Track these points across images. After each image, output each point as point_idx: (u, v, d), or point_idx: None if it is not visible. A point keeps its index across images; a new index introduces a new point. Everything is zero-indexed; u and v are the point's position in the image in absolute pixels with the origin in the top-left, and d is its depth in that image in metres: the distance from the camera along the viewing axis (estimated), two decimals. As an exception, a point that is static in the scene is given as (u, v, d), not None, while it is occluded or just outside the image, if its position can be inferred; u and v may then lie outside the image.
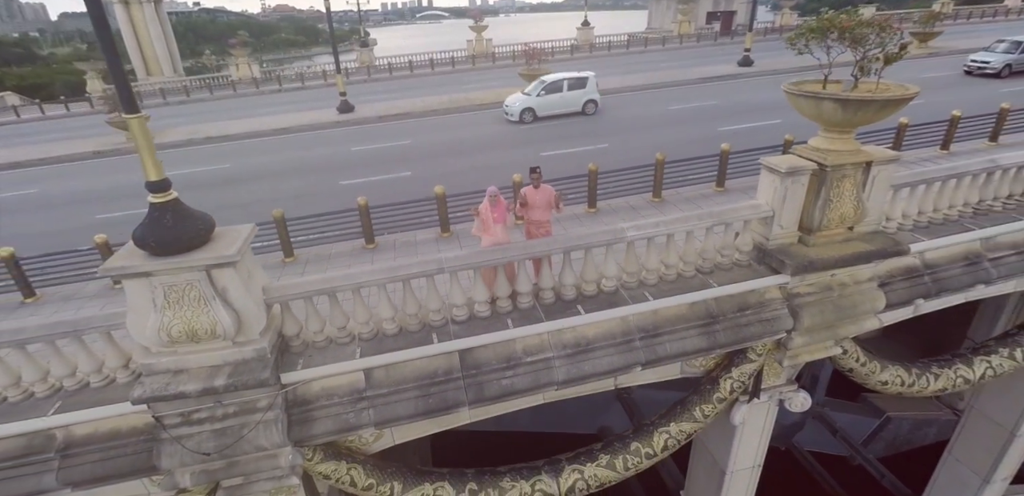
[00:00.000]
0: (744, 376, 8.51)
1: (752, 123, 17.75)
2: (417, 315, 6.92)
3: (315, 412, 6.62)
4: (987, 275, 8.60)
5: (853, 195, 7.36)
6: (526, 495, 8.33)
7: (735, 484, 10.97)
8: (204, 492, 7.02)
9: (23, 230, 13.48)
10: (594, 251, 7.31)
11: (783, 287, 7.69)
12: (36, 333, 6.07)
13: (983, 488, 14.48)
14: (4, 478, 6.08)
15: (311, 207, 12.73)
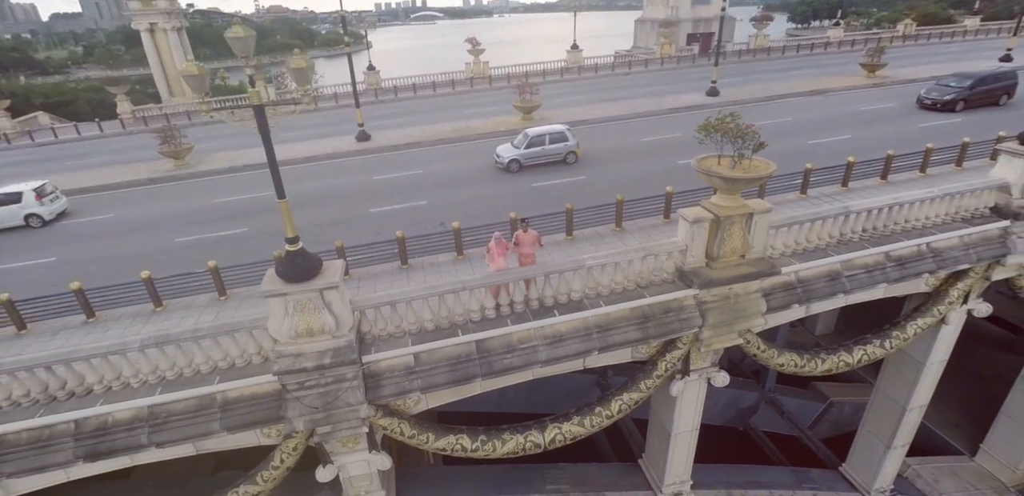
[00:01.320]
0: (675, 359, 12.06)
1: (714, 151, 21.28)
2: (447, 317, 10.43)
3: (382, 381, 10.11)
4: (844, 287, 12.18)
5: (740, 235, 10.91)
6: (520, 444, 11.86)
7: (679, 444, 14.52)
8: (304, 437, 10.52)
9: (117, 252, 16.81)
10: (565, 273, 10.82)
11: (695, 297, 11.23)
12: (208, 331, 9.53)
13: (886, 453, 18.13)
14: (188, 424, 9.54)
15: (348, 232, 16.16)
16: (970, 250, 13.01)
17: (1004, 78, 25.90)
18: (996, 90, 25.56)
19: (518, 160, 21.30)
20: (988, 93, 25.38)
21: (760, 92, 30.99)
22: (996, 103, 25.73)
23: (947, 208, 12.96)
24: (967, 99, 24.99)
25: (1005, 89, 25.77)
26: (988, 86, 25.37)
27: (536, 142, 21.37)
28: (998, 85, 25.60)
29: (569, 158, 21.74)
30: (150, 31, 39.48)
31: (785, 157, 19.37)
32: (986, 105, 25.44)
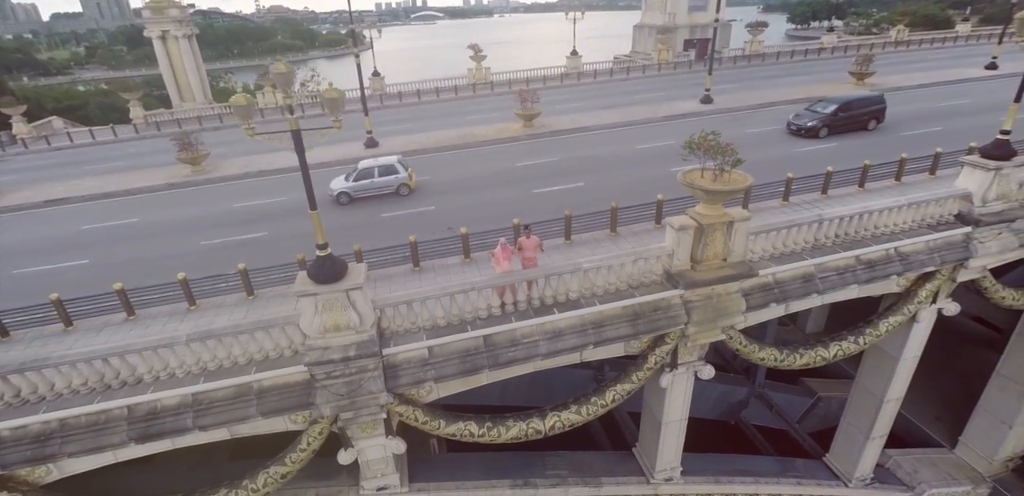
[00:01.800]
0: (664, 353, 13.26)
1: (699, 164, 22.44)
2: (458, 314, 11.62)
3: (400, 372, 11.30)
4: (818, 288, 13.37)
5: (722, 241, 12.09)
6: (523, 430, 13.07)
7: (669, 432, 15.71)
8: (329, 422, 11.72)
9: (146, 255, 17.97)
10: (564, 275, 12.00)
11: (681, 296, 12.41)
12: (246, 327, 10.72)
13: (865, 443, 19.33)
14: (228, 409, 10.73)
15: (363, 235, 17.29)
16: (935, 254, 14.20)
17: (871, 103, 25.41)
18: (862, 115, 25.05)
19: (347, 193, 20.82)
20: (853, 119, 24.86)
21: (752, 100, 32.15)
22: (864, 128, 25.16)
23: (914, 215, 14.15)
24: (830, 125, 24.56)
25: (872, 114, 25.22)
26: (853, 112, 24.88)
27: (365, 175, 20.91)
28: (865, 110, 25.10)
29: (402, 190, 21.21)
30: (162, 38, 40.68)
31: (772, 165, 20.64)
32: (853, 130, 24.94)
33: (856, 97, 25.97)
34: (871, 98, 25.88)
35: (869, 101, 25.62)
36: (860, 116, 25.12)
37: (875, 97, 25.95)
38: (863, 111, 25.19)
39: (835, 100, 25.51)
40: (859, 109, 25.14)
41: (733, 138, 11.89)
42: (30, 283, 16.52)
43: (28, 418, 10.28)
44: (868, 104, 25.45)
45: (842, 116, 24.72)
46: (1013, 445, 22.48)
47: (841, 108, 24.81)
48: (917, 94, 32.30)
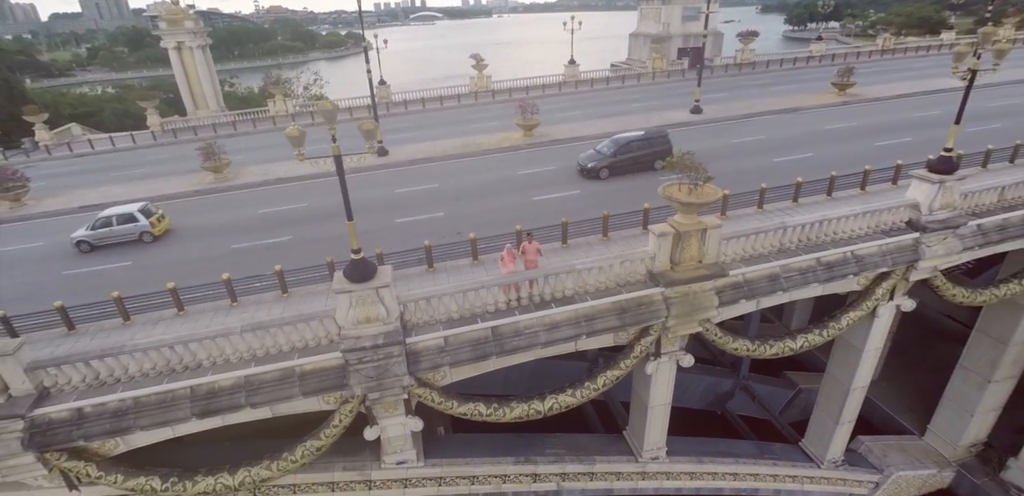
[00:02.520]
0: (648, 343, 15.16)
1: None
2: (469, 309, 13.52)
3: (420, 358, 13.19)
4: (782, 286, 15.30)
5: (697, 245, 14.00)
6: (525, 411, 14.99)
7: (655, 415, 17.63)
8: (359, 401, 13.61)
9: (183, 257, 19.81)
10: (561, 275, 13.90)
11: (662, 293, 14.31)
12: (292, 320, 12.61)
13: (835, 428, 21.26)
14: (275, 389, 12.62)
15: (379, 240, 19.11)
16: (887, 256, 16.12)
17: (653, 144, 24.68)
18: (645, 156, 24.47)
19: (87, 241, 20.85)
20: (635, 160, 24.33)
21: (739, 110, 34.07)
22: (651, 168, 24.50)
23: (868, 222, 16.08)
24: (610, 167, 24.04)
25: (657, 154, 24.50)
26: (634, 153, 24.29)
27: (104, 224, 21.08)
28: (648, 151, 24.47)
29: (144, 237, 21.18)
30: (177, 49, 42.52)
31: (751, 174, 22.59)
32: (638, 171, 24.34)
33: (636, 137, 24.87)
34: (653, 138, 24.92)
35: (651, 142, 24.75)
36: (643, 157, 24.46)
37: (658, 138, 24.99)
38: (646, 152, 24.50)
39: (620, 140, 24.68)
40: (640, 150, 24.45)
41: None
42: (83, 282, 18.41)
43: (107, 396, 12.17)
44: (650, 145, 24.64)
45: (622, 158, 24.17)
46: (975, 432, 24.43)
47: (620, 150, 24.19)
48: (894, 105, 34.25)
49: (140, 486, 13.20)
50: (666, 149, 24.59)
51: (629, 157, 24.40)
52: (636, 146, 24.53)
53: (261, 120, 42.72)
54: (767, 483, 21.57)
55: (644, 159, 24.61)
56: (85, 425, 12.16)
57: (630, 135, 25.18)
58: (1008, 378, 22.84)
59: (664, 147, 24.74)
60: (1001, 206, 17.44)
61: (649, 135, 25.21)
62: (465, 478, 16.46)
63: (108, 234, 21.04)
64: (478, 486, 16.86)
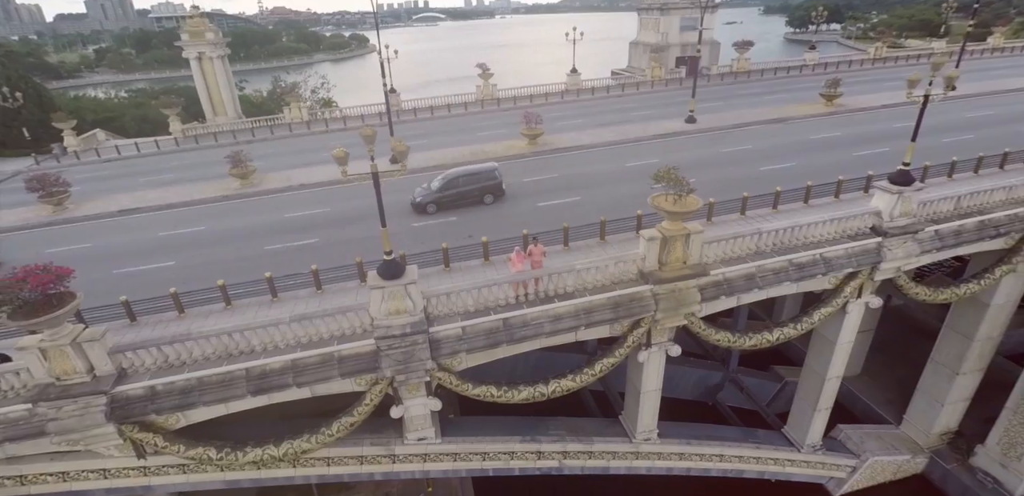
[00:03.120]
0: (640, 334, 17.21)
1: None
2: (484, 303, 15.60)
3: (441, 345, 15.27)
4: (758, 284, 17.35)
5: (682, 248, 16.05)
6: (531, 393, 17.07)
7: (647, 400, 19.67)
8: (387, 383, 15.69)
9: (221, 257, 21.86)
10: (563, 274, 15.96)
11: (651, 290, 16.37)
12: (333, 311, 14.71)
13: (813, 415, 23.26)
14: (317, 371, 14.71)
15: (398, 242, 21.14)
16: (852, 258, 18.16)
17: (480, 179, 25.12)
18: (472, 191, 24.97)
19: None
20: (462, 194, 24.84)
21: (731, 120, 36.11)
22: (480, 202, 25.14)
23: (836, 228, 18.12)
24: (437, 202, 24.61)
25: (485, 189, 25.14)
26: (460, 188, 24.75)
27: None
28: (474, 186, 24.96)
29: None
30: (198, 59, 44.69)
31: (737, 182, 24.63)
32: (467, 205, 24.91)
33: (462, 173, 25.32)
34: (479, 174, 25.31)
35: (478, 177, 25.18)
36: (470, 192, 24.99)
37: (485, 172, 25.44)
38: (473, 187, 25.00)
39: (446, 176, 25.26)
40: (466, 185, 24.93)
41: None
42: (128, 282, 20.46)
43: (175, 376, 14.26)
44: (477, 180, 25.08)
45: (448, 193, 24.73)
46: (946, 421, 26.46)
47: (445, 186, 24.78)
48: (878, 115, 36.23)
49: (199, 455, 15.30)
50: (494, 184, 25.26)
51: (456, 192, 24.82)
52: (462, 182, 24.93)
53: (278, 127, 44.85)
54: (751, 465, 23.58)
55: (471, 194, 25.02)
56: (157, 401, 14.26)
57: (457, 171, 25.58)
58: (975, 371, 24.82)
59: (491, 182, 25.23)
60: (957, 214, 19.46)
61: (476, 171, 25.46)
62: (477, 454, 18.53)
63: None
64: (489, 462, 18.93)
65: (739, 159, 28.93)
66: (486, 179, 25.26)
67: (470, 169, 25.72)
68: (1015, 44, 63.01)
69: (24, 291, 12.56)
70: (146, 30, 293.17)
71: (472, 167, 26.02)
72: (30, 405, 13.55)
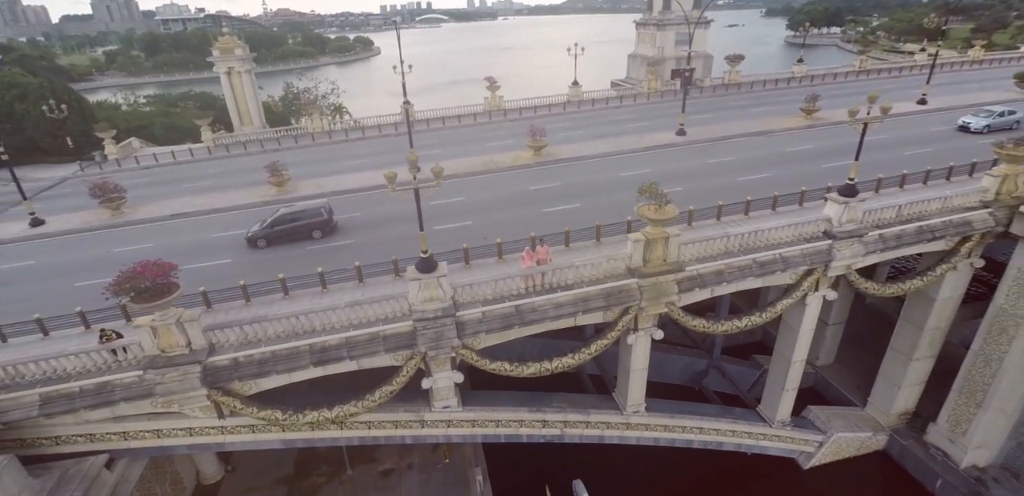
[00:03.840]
0: (628, 319, 20.75)
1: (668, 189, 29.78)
2: (499, 293, 19.16)
3: (465, 326, 18.84)
4: (726, 279, 20.87)
5: (662, 248, 19.57)
6: (538, 368, 20.63)
7: (635, 378, 23.19)
8: (420, 358, 19.26)
9: (270, 256, 25.43)
10: (564, 269, 19.50)
11: (637, 283, 19.89)
12: (380, 298, 18.28)
13: (782, 394, 26.73)
14: (366, 347, 18.27)
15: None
16: (807, 257, 21.66)
17: (308, 216, 27.04)
18: (301, 227, 26.83)
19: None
20: (292, 230, 26.69)
21: (719, 132, 39.59)
22: (310, 237, 26.87)
23: (793, 232, 21.63)
24: (267, 237, 26.55)
25: (313, 226, 27.01)
26: (287, 224, 26.66)
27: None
28: (301, 223, 26.82)
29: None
30: (227, 73, 48.30)
31: (718, 191, 28.10)
32: (297, 240, 26.68)
33: (291, 212, 27.29)
34: (306, 211, 27.32)
35: (304, 214, 27.14)
36: (299, 228, 26.88)
37: (311, 211, 27.42)
38: (300, 223, 26.90)
39: (276, 213, 27.26)
40: (293, 222, 26.86)
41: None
42: (193, 277, 23.86)
43: (254, 350, 17.81)
44: (303, 217, 27.05)
45: (278, 229, 26.60)
46: (904, 403, 29.91)
47: (275, 222, 26.77)
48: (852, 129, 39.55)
49: (268, 416, 18.84)
50: (320, 220, 27.18)
51: (284, 228, 26.72)
52: (289, 218, 26.89)
53: (301, 136, 48.45)
54: (729, 438, 27.05)
55: (300, 230, 26.88)
56: (239, 370, 17.83)
57: (284, 210, 27.49)
58: (927, 357, 28.26)
59: (317, 219, 27.14)
60: (899, 220, 22.95)
61: (302, 209, 27.56)
62: (492, 421, 22.07)
63: None
64: (502, 429, 22.47)
65: (722, 170, 32.45)
66: (311, 217, 27.15)
67: (297, 207, 27.79)
68: (994, 56, 66.36)
69: (143, 281, 16.13)
70: (155, 33, 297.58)
71: (300, 205, 28.24)
72: (141, 372, 17.13)
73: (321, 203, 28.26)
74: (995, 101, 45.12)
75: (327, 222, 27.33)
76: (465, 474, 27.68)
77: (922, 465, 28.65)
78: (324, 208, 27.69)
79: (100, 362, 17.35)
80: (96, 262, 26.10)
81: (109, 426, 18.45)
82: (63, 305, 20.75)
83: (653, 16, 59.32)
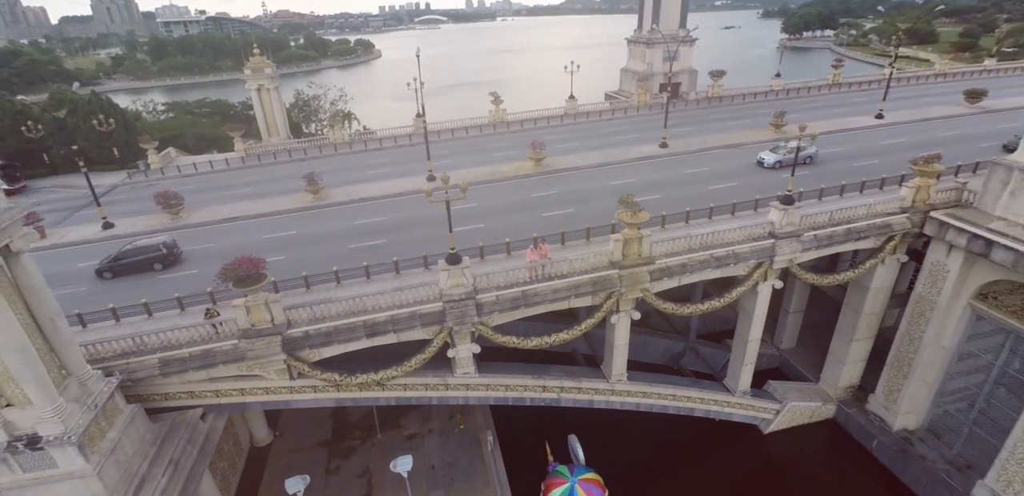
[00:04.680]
0: (611, 303, 26.16)
1: (648, 196, 35.09)
2: (510, 281, 24.52)
3: (483, 307, 24.23)
4: (689, 270, 26.26)
5: (637, 246, 24.95)
6: (539, 342, 26.10)
7: (618, 352, 28.60)
8: (447, 332, 24.67)
9: (319, 253, 30.52)
10: (560, 262, 24.85)
11: (617, 273, 25.26)
12: (417, 285, 23.65)
13: (741, 368, 32.15)
14: (406, 322, 23.62)
15: (444, 244, 29.75)
16: (754, 253, 27.04)
17: (146, 252, 30.20)
18: (142, 261, 30.03)
19: None
20: (133, 264, 29.91)
21: (697, 145, 44.92)
22: (151, 269, 30.08)
23: (744, 233, 26.99)
24: (111, 269, 29.65)
25: (154, 259, 30.17)
26: (130, 259, 29.80)
27: None
28: (142, 257, 29.97)
29: None
30: (258, 90, 53.54)
31: (690, 198, 33.46)
32: (140, 271, 29.81)
33: (132, 247, 30.46)
34: (146, 248, 30.50)
35: (144, 250, 30.34)
36: (140, 261, 30.09)
37: (151, 247, 30.59)
38: (141, 258, 30.13)
39: (121, 248, 30.52)
40: (135, 257, 30.05)
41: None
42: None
43: (320, 325, 23.12)
44: (143, 252, 30.25)
45: (120, 262, 29.93)
46: (849, 378, 35.31)
47: (117, 256, 29.95)
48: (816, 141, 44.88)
49: (328, 377, 24.13)
50: (159, 255, 30.32)
51: (126, 262, 29.93)
52: (130, 254, 30.07)
53: (324, 146, 53.72)
54: (699, 405, 32.38)
55: (141, 263, 30.08)
56: (309, 340, 23.13)
57: (127, 246, 30.60)
58: (866, 338, 33.66)
59: (156, 254, 30.30)
60: (831, 223, 28.33)
61: (142, 246, 30.67)
62: (502, 386, 27.42)
63: None
64: (509, 392, 27.81)
65: (696, 179, 37.84)
66: (151, 252, 30.38)
67: (138, 244, 31.02)
68: (957, 70, 71.83)
69: (240, 272, 21.43)
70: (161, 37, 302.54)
71: (141, 242, 31.43)
72: (236, 341, 22.44)
73: (162, 240, 31.45)
74: (947, 115, 50.67)
75: (166, 256, 30.63)
76: (477, 437, 33.02)
77: (862, 429, 34.02)
78: (165, 244, 30.97)
79: (204, 334, 22.66)
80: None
81: (206, 385, 23.73)
82: (148, 294, 26.05)
83: (643, 34, 64.68)
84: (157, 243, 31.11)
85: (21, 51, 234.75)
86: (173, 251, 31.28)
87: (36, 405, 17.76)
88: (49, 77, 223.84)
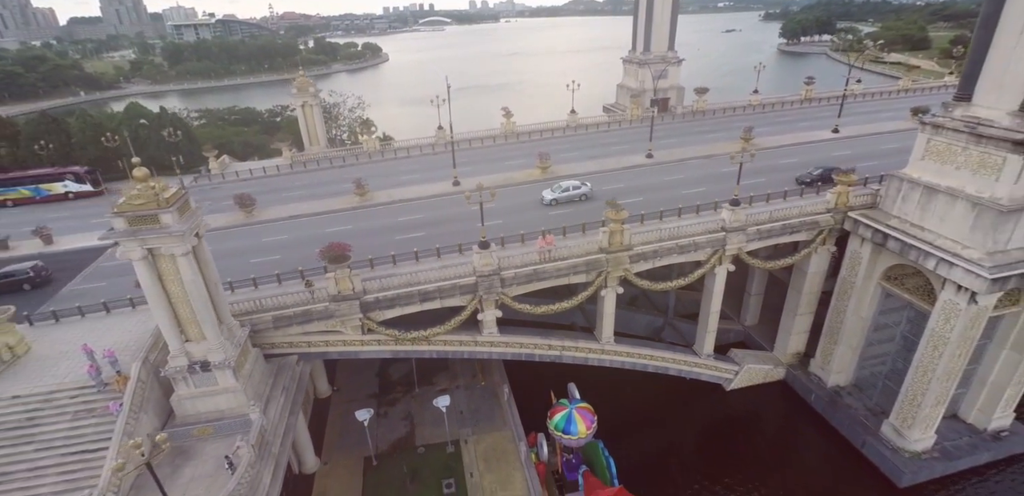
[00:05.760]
0: (601, 280, 34.78)
1: (633, 199, 43.46)
2: (524, 262, 33.10)
3: (505, 281, 32.81)
4: (658, 255, 34.80)
5: (620, 236, 33.49)
6: (545, 309, 34.68)
7: (606, 321, 37.23)
8: (477, 299, 33.27)
9: (375, 243, 38.99)
10: (561, 248, 33.41)
11: (604, 256, 33.79)
12: (455, 263, 32.28)
13: (705, 336, 40.62)
14: (449, 292, 32.25)
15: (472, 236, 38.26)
16: (709, 243, 35.53)
17: (16, 275, 35.68)
18: (13, 283, 35.18)
19: None
20: (11, 283, 34.73)
21: (678, 155, 53.35)
22: (21, 289, 35.28)
23: (702, 227, 35.50)
24: None
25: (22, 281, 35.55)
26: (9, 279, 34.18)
27: None
28: (12, 279, 34.50)
29: None
30: (302, 106, 62.18)
31: (667, 200, 41.95)
32: (12, 292, 34.76)
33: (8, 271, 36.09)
34: (16, 272, 35.93)
35: (12, 274, 35.62)
36: (12, 283, 35.79)
37: (20, 271, 36.18)
38: (11, 280, 35.80)
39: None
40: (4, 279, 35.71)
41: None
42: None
43: (388, 292, 31.71)
44: (11, 275, 35.73)
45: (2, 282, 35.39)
46: (795, 346, 43.76)
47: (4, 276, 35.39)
48: (775, 153, 53.34)
49: (391, 333, 32.69)
50: (26, 278, 36.10)
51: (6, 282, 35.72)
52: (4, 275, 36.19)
53: (359, 154, 62.35)
54: (672, 364, 40.82)
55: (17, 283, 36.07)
56: (378, 304, 31.72)
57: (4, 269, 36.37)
58: (807, 313, 42.06)
59: (24, 276, 36.16)
60: (771, 220, 36.78)
61: (13, 270, 36.30)
62: (518, 343, 35.95)
63: None
64: (523, 349, 36.32)
65: (674, 185, 46.32)
66: (22, 275, 36.52)
67: (8, 269, 36.63)
68: (920, 86, 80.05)
69: (335, 251, 30.02)
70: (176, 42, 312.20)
71: (9, 268, 36.79)
72: (327, 303, 31.05)
73: (30, 265, 37.10)
74: (894, 130, 58.89)
75: (33, 278, 36.56)
76: (495, 390, 41.52)
77: (805, 387, 42.41)
78: (34, 268, 36.82)
79: (304, 298, 31.27)
80: (253, 247, 40.03)
81: (301, 337, 32.31)
82: (245, 273, 34.52)
83: (636, 55, 73.12)
84: (26, 268, 36.55)
85: (46, 56, 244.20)
86: (41, 274, 37.03)
87: (208, 340, 26.37)
88: (72, 81, 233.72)
